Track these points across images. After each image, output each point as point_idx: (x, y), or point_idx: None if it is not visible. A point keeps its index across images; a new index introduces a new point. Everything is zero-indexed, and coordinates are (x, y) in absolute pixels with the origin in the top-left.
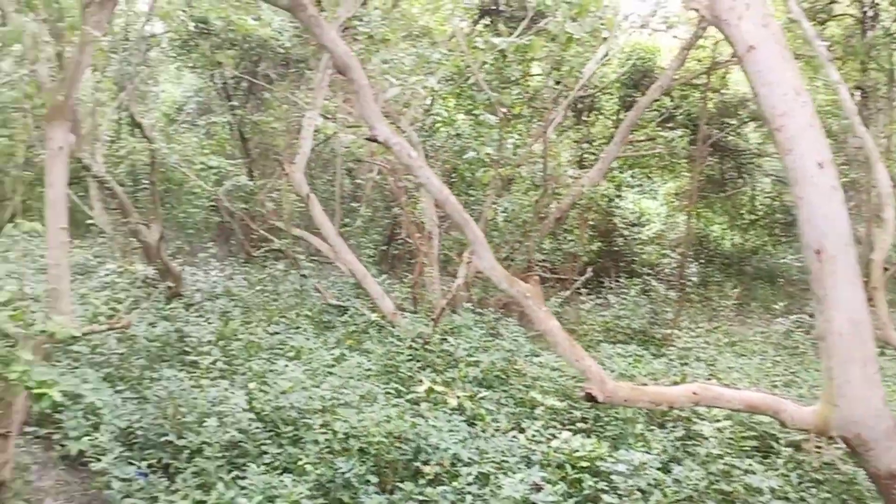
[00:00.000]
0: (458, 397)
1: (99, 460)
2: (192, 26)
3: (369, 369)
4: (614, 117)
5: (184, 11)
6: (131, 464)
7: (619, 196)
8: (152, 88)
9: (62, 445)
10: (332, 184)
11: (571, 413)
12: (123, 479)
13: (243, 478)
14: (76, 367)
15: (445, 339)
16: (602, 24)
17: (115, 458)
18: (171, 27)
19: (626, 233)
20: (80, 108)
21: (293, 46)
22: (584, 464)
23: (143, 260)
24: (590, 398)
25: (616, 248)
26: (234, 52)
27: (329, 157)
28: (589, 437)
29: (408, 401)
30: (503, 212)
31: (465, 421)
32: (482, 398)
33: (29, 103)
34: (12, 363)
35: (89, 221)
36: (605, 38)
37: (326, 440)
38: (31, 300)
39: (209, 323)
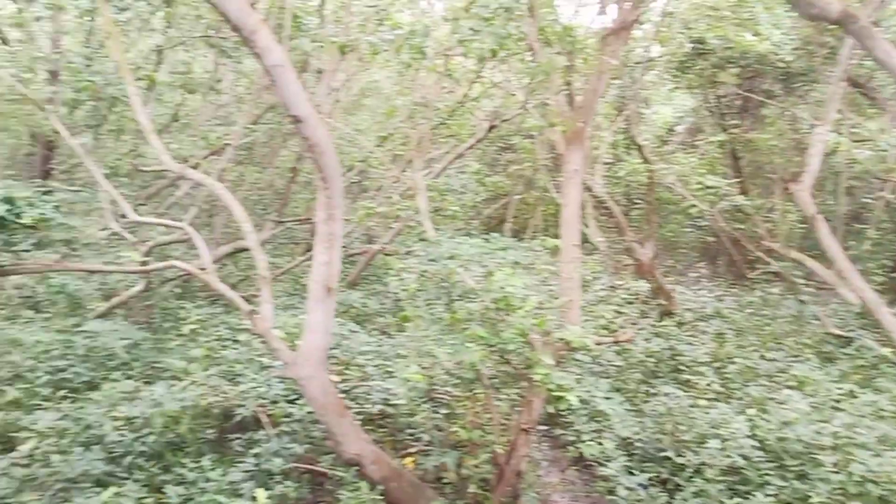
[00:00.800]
0: None
1: (605, 465)
2: (689, 47)
3: (883, 409)
4: None
5: (681, 33)
6: (631, 473)
7: None
8: (645, 110)
9: (575, 447)
10: (829, 203)
11: None
12: (628, 488)
13: None
14: (579, 376)
15: None
16: None
17: (621, 466)
18: (668, 50)
19: None
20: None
21: (794, 60)
22: None
23: (634, 277)
24: None
25: None
26: (733, 70)
27: (825, 174)
28: None
29: None
30: None
31: None
32: None
33: (536, 130)
34: (535, 366)
35: (593, 241)
36: None
37: (840, 481)
38: (545, 310)
39: (702, 343)
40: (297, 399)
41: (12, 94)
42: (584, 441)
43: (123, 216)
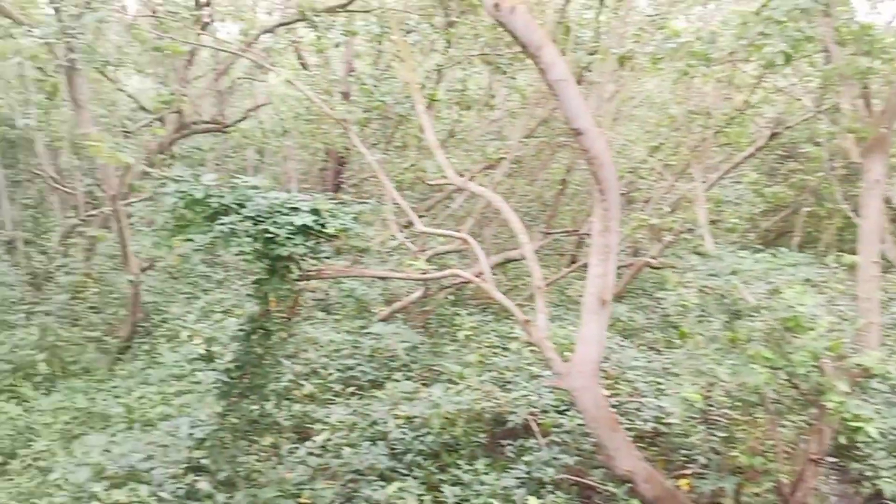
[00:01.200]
0: None
1: None
2: None
3: None
4: None
5: None
6: None
7: None
8: None
9: (872, 483)
10: None
11: None
12: None
13: None
14: (877, 405)
15: None
16: None
17: None
18: None
19: None
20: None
21: None
22: None
23: None
24: None
25: None
26: None
27: None
28: None
29: None
30: None
31: None
32: None
33: (827, 137)
34: (828, 392)
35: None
36: None
37: None
38: (839, 332)
39: None
40: (567, 410)
41: (309, 114)
42: (882, 477)
43: (406, 226)
